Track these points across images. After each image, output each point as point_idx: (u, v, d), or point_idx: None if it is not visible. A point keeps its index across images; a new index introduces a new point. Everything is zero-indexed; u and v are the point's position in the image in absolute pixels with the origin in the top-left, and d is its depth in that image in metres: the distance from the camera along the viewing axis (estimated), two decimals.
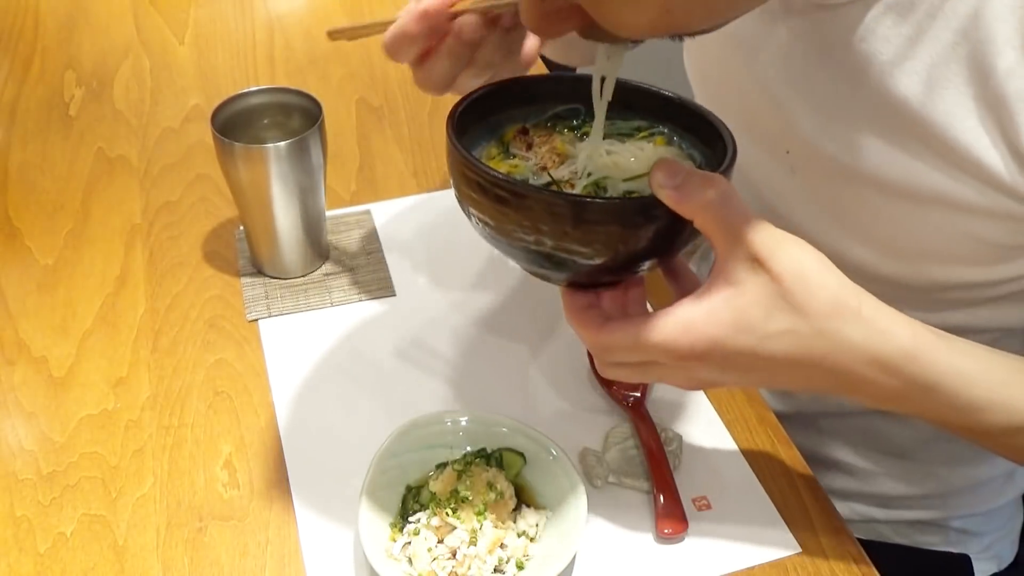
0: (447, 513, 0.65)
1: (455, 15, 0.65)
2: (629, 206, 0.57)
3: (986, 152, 0.61)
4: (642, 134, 0.69)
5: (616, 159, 0.65)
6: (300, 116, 0.86)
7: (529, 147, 0.68)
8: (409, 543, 0.65)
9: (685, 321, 0.56)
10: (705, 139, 0.67)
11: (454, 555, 0.65)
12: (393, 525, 0.67)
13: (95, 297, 0.88)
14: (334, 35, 0.70)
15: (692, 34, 0.59)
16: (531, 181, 0.64)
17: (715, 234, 0.56)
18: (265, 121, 0.87)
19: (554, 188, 0.62)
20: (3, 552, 0.69)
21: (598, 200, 0.57)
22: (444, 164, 1.02)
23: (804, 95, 0.70)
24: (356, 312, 0.86)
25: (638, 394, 0.77)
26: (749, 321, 0.55)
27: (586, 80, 0.66)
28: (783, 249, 0.55)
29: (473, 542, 0.65)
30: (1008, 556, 0.92)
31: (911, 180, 0.65)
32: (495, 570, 0.64)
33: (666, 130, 0.69)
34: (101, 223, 0.96)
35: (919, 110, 0.63)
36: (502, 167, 0.66)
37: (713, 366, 0.57)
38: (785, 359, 0.56)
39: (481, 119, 0.67)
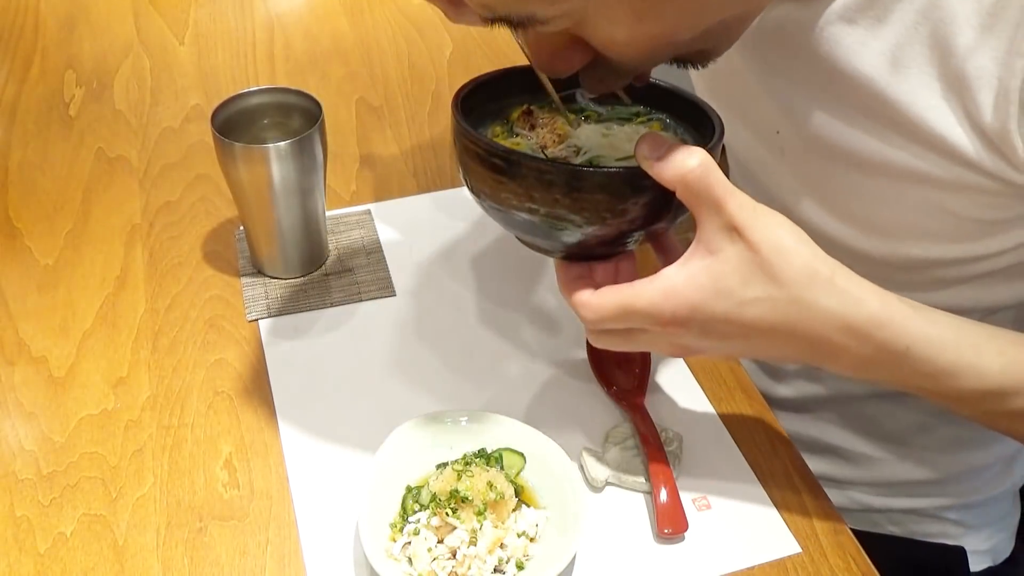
0: (447, 513, 0.65)
1: None
2: (616, 175, 0.60)
3: (951, 130, 0.63)
4: (640, 119, 0.72)
5: (612, 140, 0.68)
6: (300, 116, 0.86)
7: (533, 127, 0.71)
8: (409, 543, 0.65)
9: (667, 287, 0.59)
10: (698, 127, 0.70)
11: (454, 555, 0.65)
12: (393, 525, 0.67)
13: (95, 297, 0.88)
14: None
15: (692, 59, 0.62)
16: None
17: (695, 204, 0.59)
18: (265, 121, 0.87)
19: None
20: (3, 552, 0.69)
21: (587, 169, 0.60)
22: (444, 164, 1.02)
23: (787, 77, 0.72)
24: (356, 312, 0.86)
25: (638, 394, 0.77)
26: (727, 287, 0.58)
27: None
28: (760, 220, 0.58)
29: (473, 542, 0.65)
30: (1004, 551, 0.92)
31: (883, 158, 0.67)
32: (495, 570, 0.64)
33: (664, 117, 0.72)
34: (101, 223, 0.96)
35: (885, 90, 0.64)
36: (505, 142, 0.69)
37: (694, 332, 0.60)
38: (761, 325, 0.59)
39: (487, 102, 0.70)
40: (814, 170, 0.73)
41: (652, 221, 0.63)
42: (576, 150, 0.68)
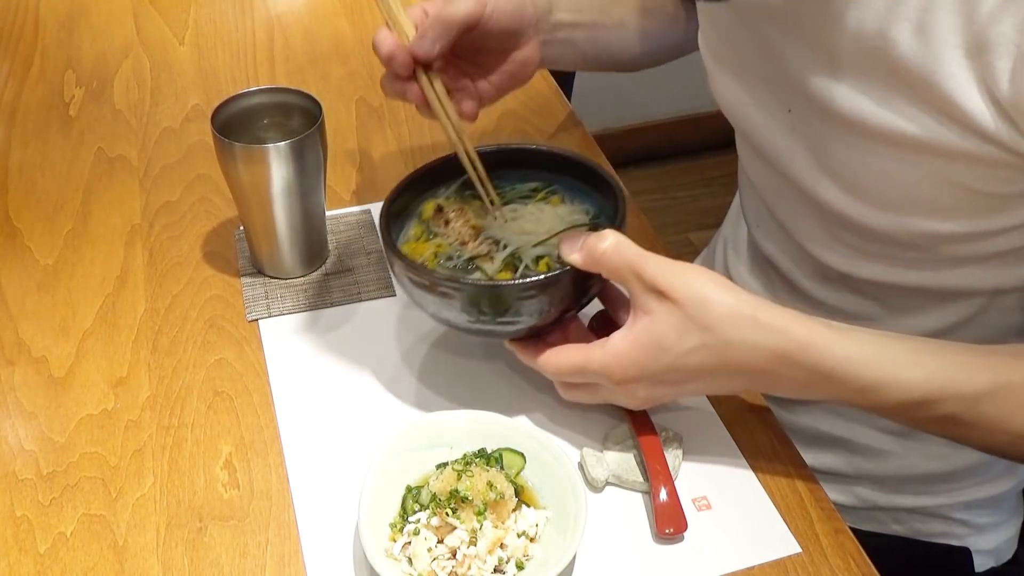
0: (447, 513, 0.65)
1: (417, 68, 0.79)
2: (541, 282, 0.69)
3: (969, 98, 0.64)
4: (539, 196, 0.81)
5: (522, 225, 0.78)
6: (300, 116, 0.86)
7: (447, 223, 0.79)
8: (409, 543, 0.65)
9: (615, 351, 0.67)
10: (594, 184, 0.79)
11: (454, 555, 0.65)
12: (393, 525, 0.67)
13: (95, 297, 0.88)
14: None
15: None
16: (455, 258, 0.76)
17: (619, 278, 0.68)
18: (265, 121, 0.87)
19: (480, 273, 0.75)
20: (3, 552, 0.69)
21: (519, 283, 0.69)
22: None
23: (805, 45, 0.73)
24: (356, 312, 0.86)
25: None
26: (666, 343, 0.65)
27: (484, 154, 0.80)
28: (679, 277, 0.65)
29: (473, 542, 0.65)
30: (1007, 552, 0.92)
31: (900, 127, 0.68)
32: (495, 570, 0.64)
33: (558, 187, 0.81)
34: (101, 223, 0.96)
35: (909, 57, 0.65)
36: (428, 247, 0.77)
37: (646, 385, 0.67)
38: (704, 369, 0.66)
39: (410, 202, 0.80)
40: (827, 145, 0.74)
41: (582, 299, 0.73)
42: (495, 242, 0.77)
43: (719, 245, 1.02)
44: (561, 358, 0.69)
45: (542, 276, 0.69)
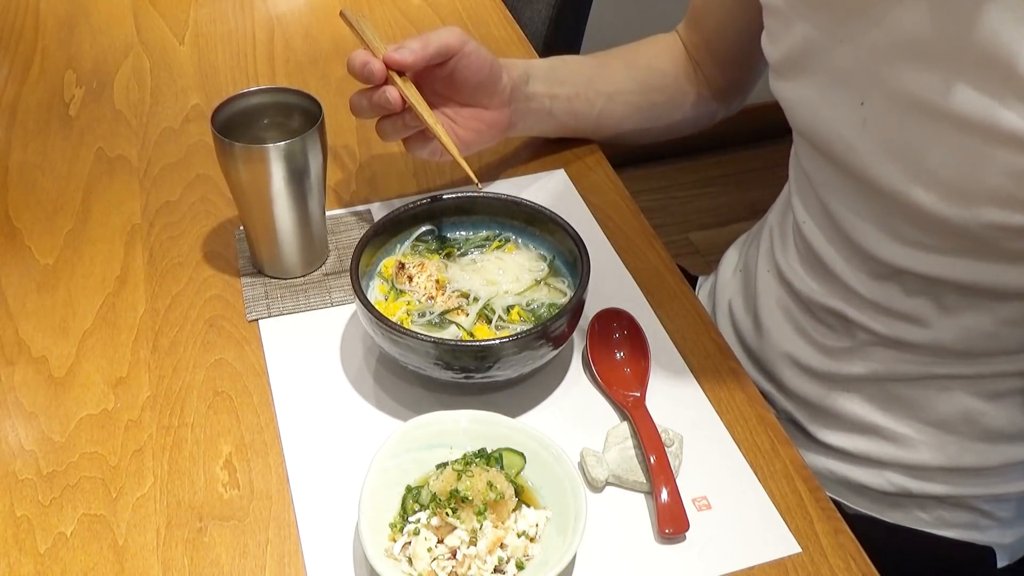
0: (447, 513, 0.65)
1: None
2: (514, 343, 0.72)
3: None
4: (494, 244, 0.85)
5: (485, 275, 0.82)
6: (300, 116, 0.86)
7: (411, 279, 0.81)
8: (409, 543, 0.65)
9: None
10: (542, 227, 0.83)
11: (454, 555, 0.65)
12: (393, 525, 0.67)
13: (95, 297, 0.88)
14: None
15: None
16: (428, 314, 0.79)
17: None
18: (265, 121, 0.87)
19: (456, 327, 0.78)
20: (3, 552, 0.69)
21: (497, 343, 0.73)
22: (444, 164, 1.02)
23: (889, 37, 0.72)
24: (356, 312, 0.86)
25: (638, 394, 0.77)
26: None
27: (437, 201, 0.84)
28: None
29: (473, 542, 0.65)
30: (1022, 550, 0.92)
31: (989, 116, 0.67)
32: (495, 570, 0.64)
33: (511, 235, 0.85)
34: (101, 223, 0.96)
35: (1009, 45, 0.64)
36: (399, 306, 0.80)
37: None
38: None
39: (368, 261, 0.81)
40: (903, 136, 0.73)
41: (559, 345, 0.75)
42: (464, 295, 0.80)
43: (765, 232, 1.00)
44: None
45: (514, 337, 0.72)
